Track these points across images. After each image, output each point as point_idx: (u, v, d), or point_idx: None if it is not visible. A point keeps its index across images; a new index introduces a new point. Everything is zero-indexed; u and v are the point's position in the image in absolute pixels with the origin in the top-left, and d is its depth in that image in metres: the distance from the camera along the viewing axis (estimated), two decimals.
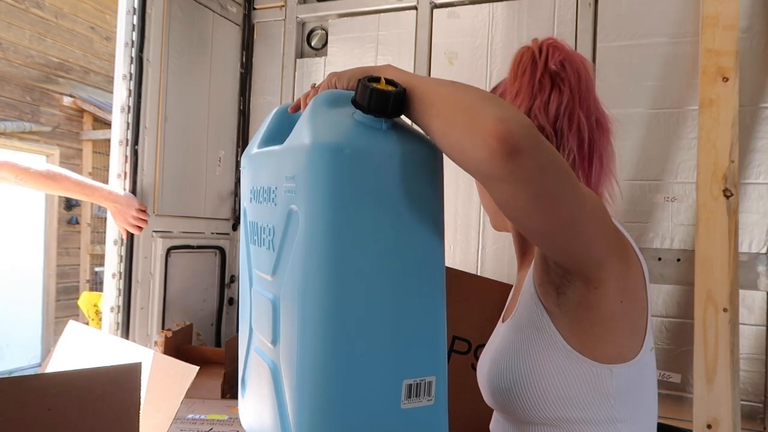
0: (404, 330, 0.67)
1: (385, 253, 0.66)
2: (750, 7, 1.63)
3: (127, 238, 1.88)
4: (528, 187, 0.59)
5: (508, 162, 0.56)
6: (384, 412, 0.66)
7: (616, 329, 0.77)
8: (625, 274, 0.76)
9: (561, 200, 0.62)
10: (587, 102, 0.85)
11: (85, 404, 0.87)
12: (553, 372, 0.78)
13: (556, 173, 0.60)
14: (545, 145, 0.59)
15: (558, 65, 0.84)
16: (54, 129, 4.99)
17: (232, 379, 2.04)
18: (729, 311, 1.46)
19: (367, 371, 0.65)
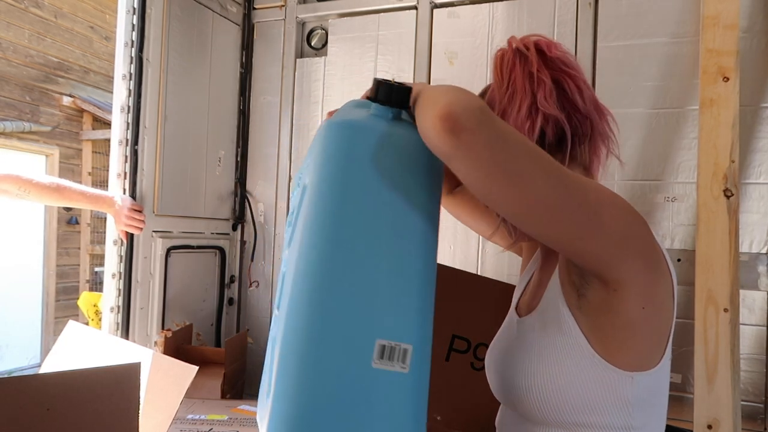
0: (388, 294, 0.70)
1: (378, 219, 0.71)
2: (750, 6, 1.63)
3: (126, 241, 1.88)
4: (478, 162, 0.63)
5: (451, 137, 0.62)
6: (355, 367, 0.68)
7: (637, 336, 0.75)
8: (651, 281, 0.74)
9: (524, 178, 0.64)
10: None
11: (84, 404, 0.87)
12: (577, 377, 0.76)
13: (509, 150, 0.64)
14: (492, 123, 0.64)
15: (558, 51, 0.84)
16: (53, 129, 4.99)
17: (232, 379, 2.04)
18: (729, 311, 1.46)
19: (343, 324, 0.68)
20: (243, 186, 2.38)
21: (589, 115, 0.83)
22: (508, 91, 0.83)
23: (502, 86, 0.85)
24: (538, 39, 0.86)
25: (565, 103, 0.82)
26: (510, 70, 0.84)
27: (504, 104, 0.84)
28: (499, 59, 0.87)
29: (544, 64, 0.83)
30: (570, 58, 0.85)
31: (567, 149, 0.82)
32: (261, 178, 2.37)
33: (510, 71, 0.84)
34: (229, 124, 2.34)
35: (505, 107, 0.83)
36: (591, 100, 0.84)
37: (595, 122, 0.84)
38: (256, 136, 2.38)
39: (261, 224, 2.36)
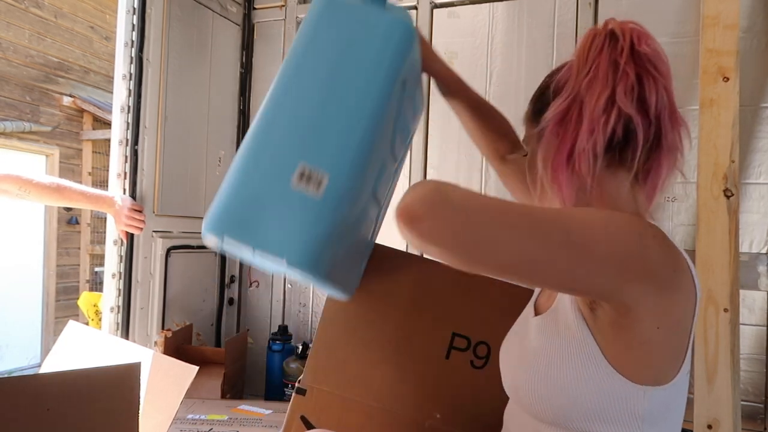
0: (323, 128, 0.84)
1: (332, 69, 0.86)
2: (750, 7, 1.63)
3: (126, 241, 1.88)
4: (444, 244, 0.66)
5: (411, 230, 0.65)
6: (279, 182, 0.82)
7: (653, 354, 0.74)
8: (664, 301, 0.72)
9: (497, 244, 0.66)
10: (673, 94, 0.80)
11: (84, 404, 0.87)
12: (587, 385, 0.75)
13: (471, 221, 0.66)
14: (446, 202, 0.66)
15: (650, 48, 0.78)
16: (54, 129, 4.99)
17: (232, 379, 2.04)
18: (729, 311, 1.46)
19: (281, 142, 0.85)
20: None
21: (659, 122, 0.78)
22: (588, 75, 0.78)
23: (583, 68, 0.79)
24: (634, 27, 0.80)
25: (641, 103, 0.77)
26: (597, 54, 0.78)
27: (581, 89, 0.78)
28: (590, 39, 0.80)
29: (632, 55, 0.77)
30: (660, 57, 0.80)
31: (637, 153, 0.77)
32: None
33: (597, 54, 0.78)
34: (229, 124, 2.34)
35: (581, 92, 0.78)
36: (667, 106, 0.79)
37: (664, 131, 0.78)
38: None
39: None
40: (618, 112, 0.75)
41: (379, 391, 1.17)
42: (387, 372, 1.18)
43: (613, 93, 0.76)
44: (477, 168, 1.99)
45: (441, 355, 1.17)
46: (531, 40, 1.93)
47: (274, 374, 2.12)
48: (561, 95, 0.80)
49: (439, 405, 1.17)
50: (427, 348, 1.17)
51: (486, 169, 1.98)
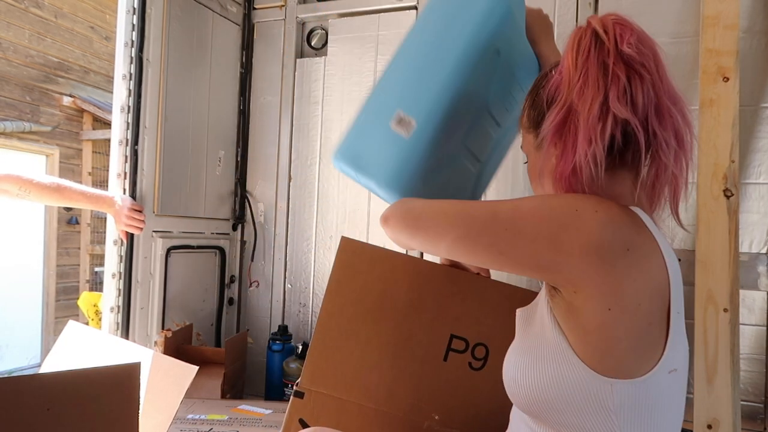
0: (419, 84, 1.01)
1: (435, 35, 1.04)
2: (750, 7, 1.63)
3: (126, 241, 1.88)
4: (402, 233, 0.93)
5: (384, 226, 0.96)
6: (382, 123, 1.02)
7: (611, 339, 0.72)
8: (613, 280, 0.71)
9: (436, 228, 0.86)
10: (668, 87, 0.78)
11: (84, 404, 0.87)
12: (556, 376, 0.75)
13: (419, 218, 0.89)
14: (403, 207, 0.94)
15: (632, 47, 0.76)
16: (54, 129, 4.99)
17: (232, 379, 2.04)
18: (729, 311, 1.46)
19: (390, 93, 1.04)
20: (243, 186, 2.38)
21: (647, 121, 0.76)
22: (579, 82, 0.77)
23: (574, 75, 0.78)
24: (616, 22, 0.79)
25: (633, 105, 0.75)
26: (585, 58, 0.77)
27: (572, 97, 0.77)
28: (576, 40, 0.79)
29: (619, 55, 0.76)
30: (645, 53, 0.77)
31: (640, 154, 0.77)
32: (261, 178, 2.37)
33: (585, 59, 0.77)
34: (229, 124, 2.34)
35: (573, 102, 0.77)
36: (653, 104, 0.77)
37: (652, 129, 0.77)
38: (256, 136, 2.38)
39: (261, 224, 2.36)
40: (614, 118, 0.75)
41: (377, 394, 1.17)
42: (385, 374, 1.18)
43: (606, 98, 0.75)
44: None
45: (439, 357, 1.17)
46: None
47: (274, 374, 2.12)
48: (555, 105, 0.80)
49: (438, 406, 1.17)
50: (425, 350, 1.17)
51: None
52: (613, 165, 0.79)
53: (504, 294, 1.16)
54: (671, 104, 0.78)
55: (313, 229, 2.27)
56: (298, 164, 2.31)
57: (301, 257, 2.29)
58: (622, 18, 0.79)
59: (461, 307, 1.17)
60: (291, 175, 2.32)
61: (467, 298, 1.18)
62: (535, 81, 0.92)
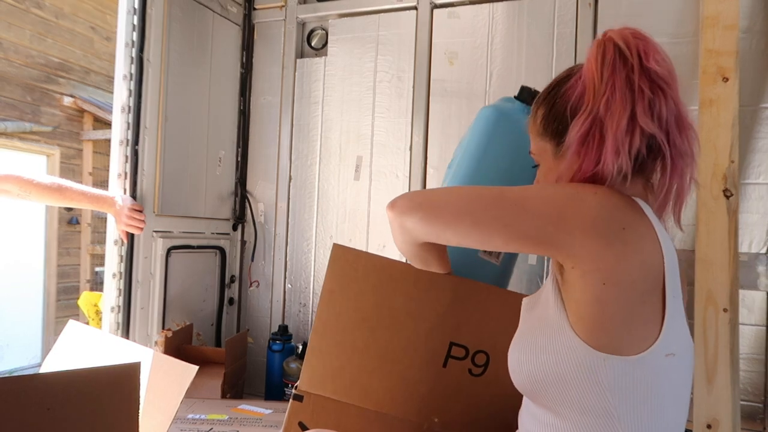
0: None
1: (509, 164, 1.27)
2: (750, 7, 1.63)
3: (126, 241, 1.88)
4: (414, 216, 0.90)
5: (391, 209, 0.94)
6: (470, 254, 1.23)
7: (604, 314, 0.76)
8: (610, 256, 0.75)
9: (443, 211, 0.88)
10: (682, 101, 0.82)
11: (84, 404, 0.87)
12: (553, 351, 0.79)
13: (429, 203, 0.90)
14: (411, 193, 0.95)
15: (657, 64, 0.79)
16: (54, 129, 4.99)
17: (232, 379, 2.04)
18: (729, 311, 1.46)
19: None
20: (243, 186, 2.38)
21: (668, 132, 0.80)
22: (605, 95, 0.79)
23: (599, 87, 0.80)
24: (635, 34, 0.81)
25: (659, 120, 0.79)
26: (611, 72, 0.80)
27: (599, 109, 0.80)
28: (600, 54, 0.81)
29: (643, 71, 0.79)
30: (667, 69, 0.81)
31: (666, 166, 0.81)
32: (261, 178, 2.37)
33: (611, 73, 0.80)
34: (229, 124, 2.34)
35: (600, 112, 0.80)
36: (674, 114, 0.80)
37: (673, 138, 0.80)
38: (256, 136, 2.38)
39: (261, 224, 2.36)
40: (641, 132, 0.78)
41: (377, 397, 1.17)
42: (384, 379, 1.17)
43: (633, 113, 0.78)
44: None
45: (438, 364, 1.16)
46: (531, 40, 1.93)
47: (274, 374, 2.12)
48: (580, 116, 0.82)
49: (437, 410, 1.17)
50: (424, 357, 1.17)
51: None
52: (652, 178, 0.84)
53: (506, 301, 1.15)
54: (686, 116, 0.82)
55: (313, 229, 2.27)
56: (298, 164, 2.31)
57: (301, 257, 2.29)
58: (640, 32, 0.82)
59: (461, 314, 1.17)
60: (291, 175, 2.32)
61: (467, 306, 1.17)
62: (548, 89, 0.93)
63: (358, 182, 2.19)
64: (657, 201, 0.85)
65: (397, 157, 2.12)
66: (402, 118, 2.11)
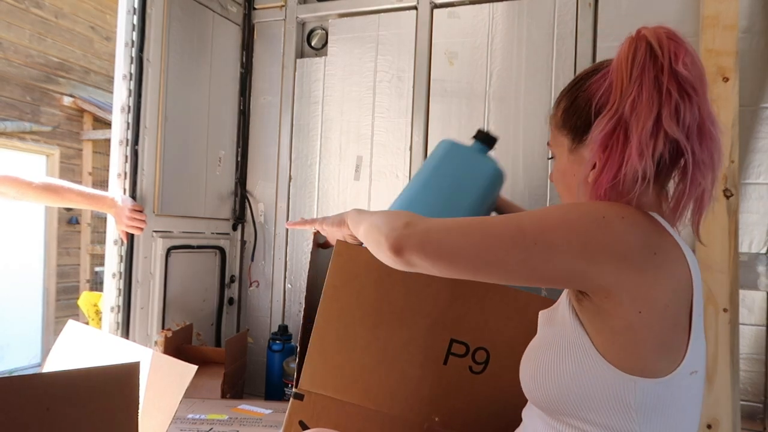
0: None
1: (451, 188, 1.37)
2: (750, 7, 1.63)
3: (126, 241, 1.88)
4: (426, 264, 0.82)
5: (401, 262, 0.84)
6: None
7: (638, 340, 0.74)
8: (643, 282, 0.73)
9: (456, 252, 0.79)
10: (709, 108, 0.79)
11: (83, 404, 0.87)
12: (578, 373, 0.76)
13: (438, 243, 0.80)
14: (425, 236, 0.81)
15: (687, 67, 0.76)
16: (54, 129, 4.99)
17: (232, 378, 2.04)
18: (729, 311, 1.46)
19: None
20: (243, 186, 2.38)
21: (689, 140, 0.77)
22: (632, 95, 0.77)
23: (627, 87, 0.77)
24: (669, 35, 0.78)
25: (683, 125, 0.76)
26: (640, 71, 0.77)
27: (625, 109, 0.77)
28: (632, 51, 0.78)
29: (672, 74, 0.76)
30: (698, 74, 0.78)
31: (688, 173, 0.77)
32: (261, 178, 2.37)
33: (640, 72, 0.77)
34: (229, 124, 2.34)
35: (625, 113, 0.77)
36: (697, 123, 0.77)
37: (693, 149, 0.77)
38: (256, 136, 2.38)
39: (261, 224, 2.36)
40: (665, 136, 0.75)
41: (377, 395, 1.17)
42: (384, 377, 1.18)
43: (659, 116, 0.75)
44: None
45: (439, 361, 1.17)
46: (531, 40, 1.93)
47: (274, 374, 2.12)
48: (604, 115, 0.79)
49: (438, 408, 1.17)
50: (425, 354, 1.17)
51: None
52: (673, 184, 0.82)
53: (507, 298, 1.16)
54: (711, 125, 0.79)
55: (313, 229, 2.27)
56: (298, 164, 2.31)
57: (301, 257, 2.29)
58: (675, 33, 0.78)
59: (462, 311, 1.17)
60: (291, 175, 2.32)
61: (468, 303, 1.17)
62: (573, 81, 0.90)
63: (358, 182, 2.19)
64: (670, 208, 0.82)
65: (397, 157, 2.12)
66: (402, 118, 2.11)
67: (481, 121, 1.99)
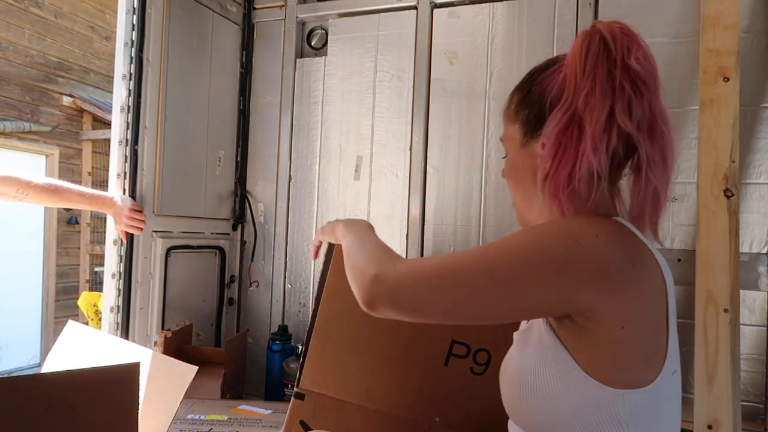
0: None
1: None
2: (751, 6, 1.63)
3: (126, 241, 1.88)
4: (399, 312, 0.77)
5: (374, 311, 0.79)
6: None
7: (624, 355, 0.73)
8: (624, 300, 0.72)
9: (433, 309, 0.76)
10: (661, 106, 0.78)
11: (83, 404, 0.87)
12: (564, 393, 0.75)
13: (416, 302, 0.76)
14: (395, 293, 0.77)
15: (639, 62, 0.75)
16: (53, 129, 4.99)
17: (232, 379, 2.04)
18: (730, 311, 1.46)
19: None
20: (243, 186, 2.38)
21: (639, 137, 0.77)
22: (585, 89, 0.76)
23: (581, 81, 0.76)
24: (623, 29, 0.77)
25: (636, 120, 0.76)
26: (593, 66, 0.76)
27: (578, 103, 0.76)
28: (585, 45, 0.77)
29: (625, 68, 0.75)
30: (649, 71, 0.77)
31: (642, 170, 0.77)
32: (261, 178, 2.37)
33: (593, 67, 0.76)
34: (229, 124, 2.34)
35: (578, 107, 0.76)
36: (647, 120, 0.77)
37: (644, 146, 0.77)
38: (256, 136, 2.38)
39: (261, 224, 2.36)
40: (618, 130, 0.75)
41: (378, 395, 1.17)
42: (385, 377, 1.17)
43: (612, 110, 0.74)
44: (477, 168, 1.99)
45: (440, 362, 1.16)
46: (531, 40, 1.93)
47: (274, 374, 2.12)
48: (558, 109, 0.78)
49: (438, 408, 1.17)
50: (426, 355, 1.17)
51: (486, 168, 1.98)
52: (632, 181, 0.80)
53: None
54: (662, 123, 0.79)
55: (313, 229, 2.27)
56: (298, 164, 2.31)
57: (301, 257, 2.29)
58: (629, 28, 0.78)
59: None
60: (291, 175, 2.31)
61: None
62: (528, 75, 0.89)
63: (358, 182, 2.19)
64: (630, 211, 0.81)
65: (397, 157, 2.12)
66: (402, 117, 2.11)
67: (481, 121, 1.99)
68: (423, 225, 2.04)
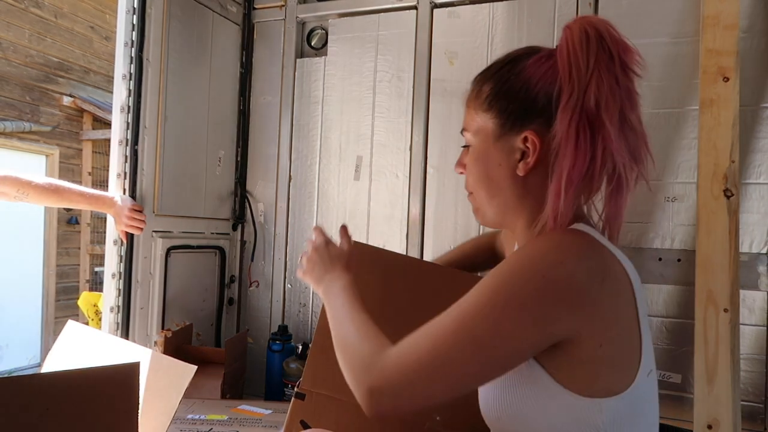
0: None
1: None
2: (751, 6, 1.63)
3: (126, 241, 1.88)
4: (408, 412, 0.76)
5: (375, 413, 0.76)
6: None
7: (601, 370, 0.73)
8: (599, 316, 0.72)
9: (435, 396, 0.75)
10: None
11: (83, 404, 0.87)
12: (541, 407, 0.74)
13: (416, 397, 0.74)
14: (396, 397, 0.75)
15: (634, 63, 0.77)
16: (54, 129, 4.99)
17: (232, 379, 2.04)
18: (729, 311, 1.46)
19: None
20: (243, 186, 2.38)
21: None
22: (590, 86, 0.74)
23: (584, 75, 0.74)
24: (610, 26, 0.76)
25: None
26: (596, 61, 0.75)
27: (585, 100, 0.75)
28: (585, 40, 0.75)
29: (623, 69, 0.76)
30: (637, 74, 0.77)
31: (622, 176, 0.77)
32: (261, 178, 2.37)
33: (596, 62, 0.75)
34: (229, 124, 2.34)
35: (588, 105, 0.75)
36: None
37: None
38: (256, 136, 2.38)
39: (261, 224, 2.36)
40: (630, 129, 0.75)
41: None
42: None
43: (623, 109, 0.75)
44: None
45: None
46: (531, 40, 1.92)
47: (274, 374, 2.12)
48: (566, 104, 0.75)
49: (439, 407, 1.17)
50: None
51: None
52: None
53: None
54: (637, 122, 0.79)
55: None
56: (298, 164, 2.31)
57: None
58: (613, 25, 0.77)
59: None
60: (291, 175, 2.31)
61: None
62: (503, 63, 0.84)
63: (358, 182, 2.19)
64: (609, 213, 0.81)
65: (397, 157, 2.12)
66: (402, 117, 2.11)
67: None
68: (423, 225, 2.04)
